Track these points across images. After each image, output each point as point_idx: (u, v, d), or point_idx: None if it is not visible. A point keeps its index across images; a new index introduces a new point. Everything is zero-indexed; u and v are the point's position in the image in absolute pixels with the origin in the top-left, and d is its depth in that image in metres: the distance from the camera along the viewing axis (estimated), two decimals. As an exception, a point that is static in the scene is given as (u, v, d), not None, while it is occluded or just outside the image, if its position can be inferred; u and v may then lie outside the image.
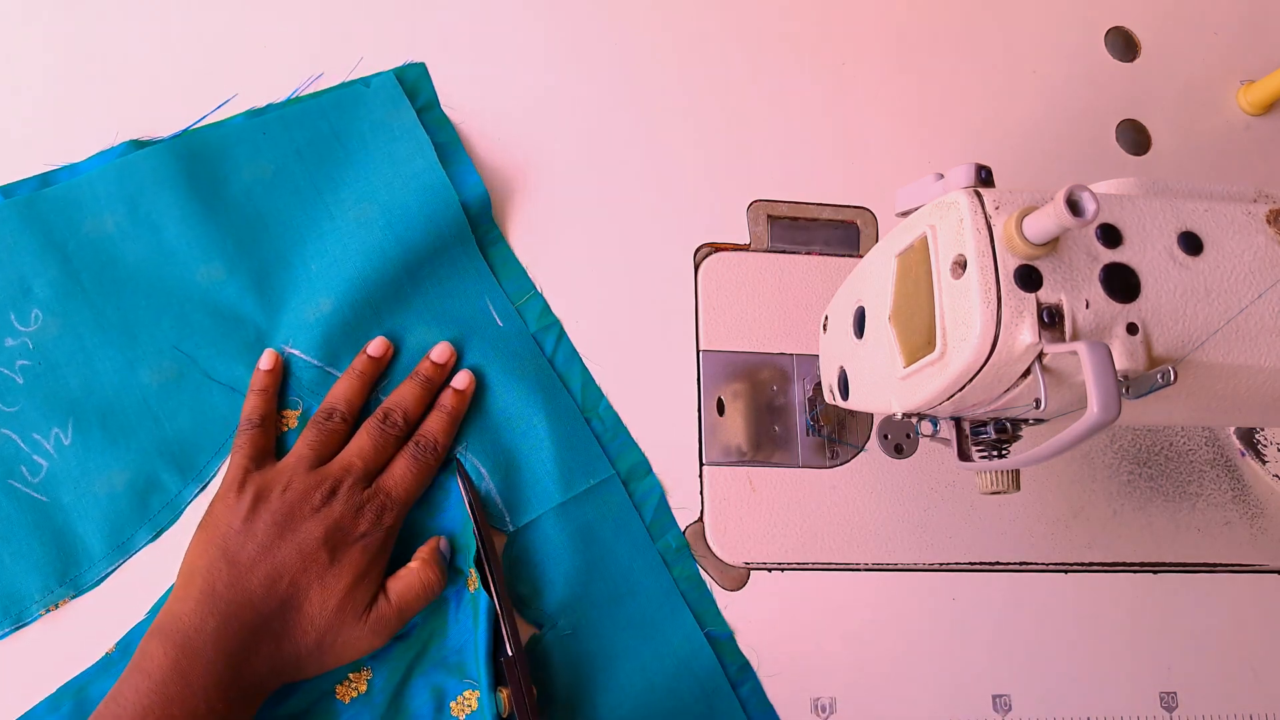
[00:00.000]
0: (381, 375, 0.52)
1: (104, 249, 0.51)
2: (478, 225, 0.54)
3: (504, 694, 0.46)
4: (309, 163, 0.54)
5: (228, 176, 0.53)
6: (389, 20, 0.58)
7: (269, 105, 0.55)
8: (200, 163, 0.53)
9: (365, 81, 0.56)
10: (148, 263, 0.52)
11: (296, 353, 0.51)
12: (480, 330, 0.53)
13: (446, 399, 0.51)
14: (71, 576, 0.48)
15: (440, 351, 0.51)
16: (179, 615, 0.42)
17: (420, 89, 0.57)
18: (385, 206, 0.53)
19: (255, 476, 0.46)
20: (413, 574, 0.47)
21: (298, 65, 0.56)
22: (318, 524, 0.45)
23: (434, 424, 0.50)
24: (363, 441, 0.48)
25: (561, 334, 0.54)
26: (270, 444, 0.49)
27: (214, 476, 0.50)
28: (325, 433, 0.48)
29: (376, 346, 0.51)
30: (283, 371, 0.51)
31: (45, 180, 0.52)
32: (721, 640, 0.51)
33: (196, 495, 0.49)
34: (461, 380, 0.51)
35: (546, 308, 0.54)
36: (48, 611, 0.47)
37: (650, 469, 0.53)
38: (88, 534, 0.48)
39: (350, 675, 0.47)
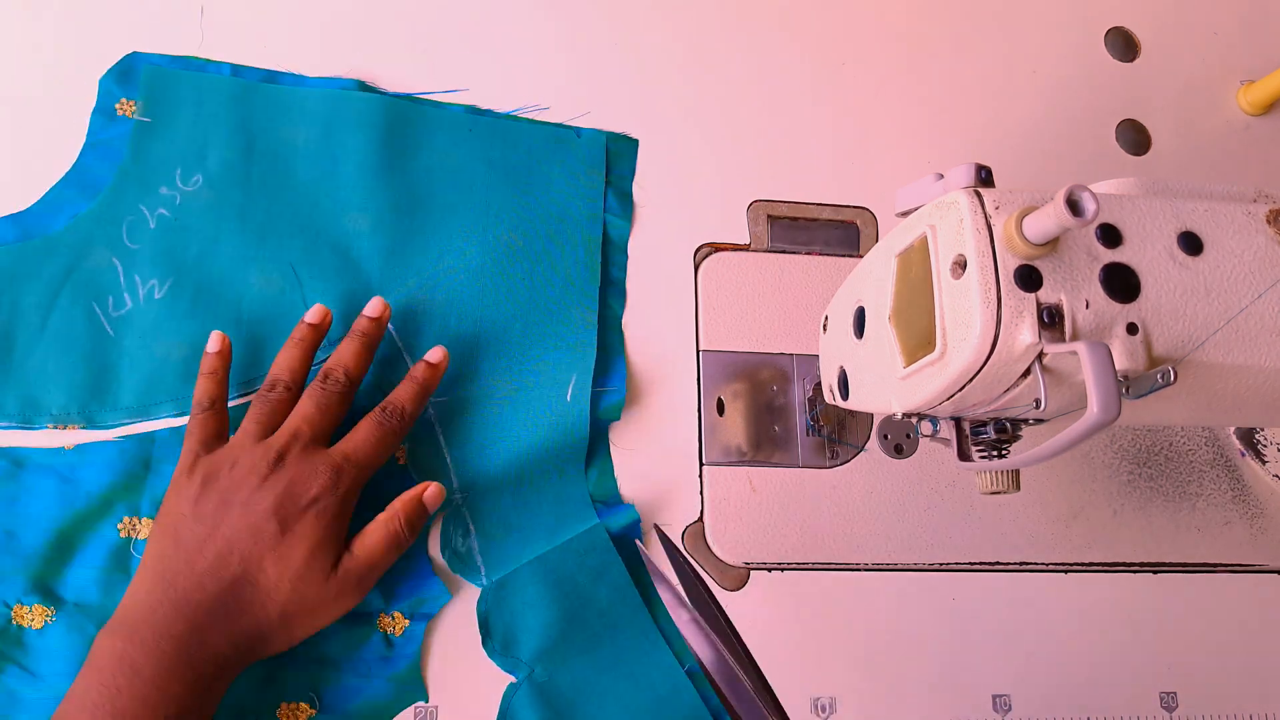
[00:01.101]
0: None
1: (284, 156, 0.54)
2: (605, 320, 0.55)
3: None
4: (494, 175, 0.56)
5: (420, 150, 0.55)
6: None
7: (489, 111, 0.57)
8: (404, 127, 0.55)
9: (578, 132, 0.58)
10: (312, 186, 0.54)
11: (390, 329, 0.52)
12: (548, 398, 0.52)
13: (419, 370, 0.50)
14: (90, 410, 0.49)
15: (373, 307, 0.50)
16: (129, 607, 0.42)
17: (622, 162, 0.58)
18: (539, 253, 0.55)
19: (205, 459, 0.46)
20: (380, 527, 0.46)
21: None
22: (265, 494, 0.44)
23: (403, 392, 0.49)
24: (305, 405, 0.47)
25: (607, 429, 0.54)
26: (223, 427, 0.48)
27: (253, 391, 0.50)
28: (269, 404, 0.47)
29: (315, 314, 0.50)
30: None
31: (271, 77, 0.56)
32: (702, 675, 0.50)
33: (235, 399, 0.50)
34: (436, 354, 0.50)
35: (621, 404, 0.54)
36: (54, 428, 0.48)
37: (640, 521, 0.52)
38: (125, 382, 0.50)
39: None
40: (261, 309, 0.52)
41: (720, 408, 0.55)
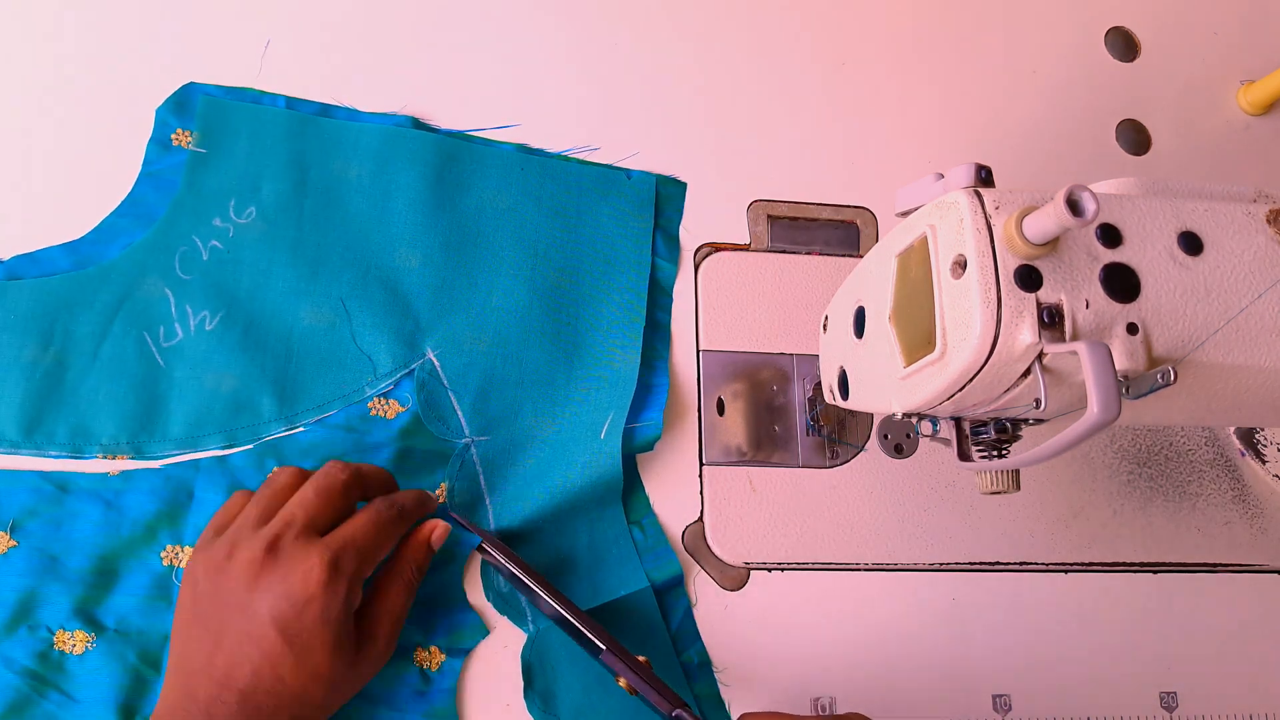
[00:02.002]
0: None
1: (336, 190, 0.55)
2: (648, 363, 0.54)
3: (624, 683, 0.44)
4: (543, 214, 0.56)
5: (470, 188, 0.56)
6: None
7: (540, 150, 0.57)
8: (455, 165, 0.56)
9: (628, 174, 0.58)
10: (364, 220, 0.54)
11: (434, 360, 0.52)
12: (582, 436, 0.52)
13: (427, 500, 0.48)
14: (140, 441, 0.49)
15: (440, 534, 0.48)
16: (162, 715, 0.40)
17: (671, 204, 0.58)
18: (585, 295, 0.55)
19: (209, 547, 0.43)
20: (392, 583, 0.45)
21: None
22: (262, 599, 0.40)
23: (407, 494, 0.48)
24: (305, 491, 0.44)
25: (635, 458, 0.53)
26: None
27: (301, 424, 0.51)
28: (273, 489, 0.45)
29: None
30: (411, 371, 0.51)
31: (326, 110, 0.56)
32: None
33: (280, 432, 0.50)
34: (439, 536, 0.47)
35: (656, 440, 0.53)
36: (104, 458, 0.49)
37: (683, 580, 0.52)
38: (175, 413, 0.50)
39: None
40: (311, 343, 0.52)
41: (720, 408, 0.55)
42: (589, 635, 0.45)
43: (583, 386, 0.53)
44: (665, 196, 0.58)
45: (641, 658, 0.45)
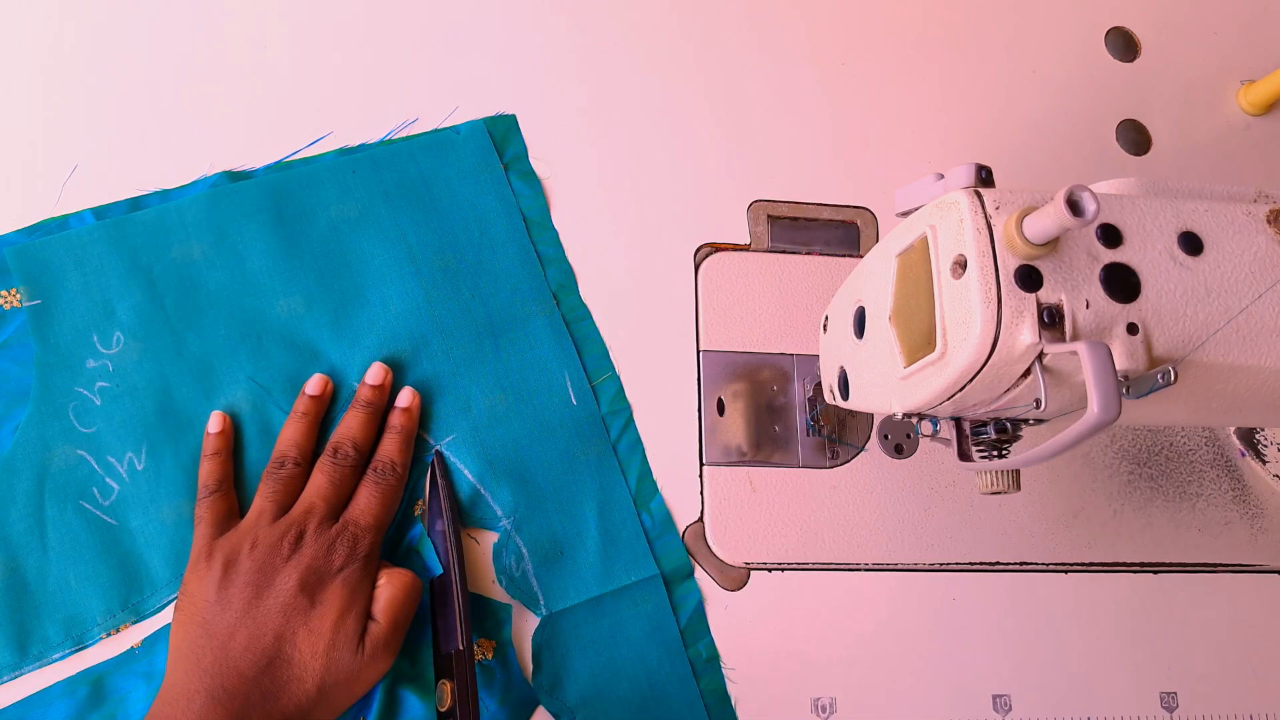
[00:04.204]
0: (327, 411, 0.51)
1: (188, 275, 0.52)
2: (561, 297, 0.54)
3: (446, 688, 0.45)
4: (396, 205, 0.54)
5: (315, 212, 0.54)
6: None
7: (361, 145, 0.56)
8: (289, 197, 0.54)
9: (456, 130, 0.57)
10: (229, 292, 0.52)
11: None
12: (552, 405, 0.52)
13: (395, 419, 0.50)
14: (134, 602, 0.48)
15: (375, 374, 0.51)
16: (167, 700, 0.42)
17: (510, 140, 0.57)
18: (473, 265, 0.54)
19: (221, 543, 0.45)
20: (390, 585, 0.46)
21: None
22: (291, 572, 0.44)
23: (388, 446, 0.49)
24: (319, 480, 0.47)
25: (629, 420, 0.53)
26: (233, 507, 0.48)
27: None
28: (280, 481, 0.47)
29: (315, 385, 0.50)
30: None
31: (136, 204, 0.53)
32: None
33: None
34: (405, 398, 0.51)
35: (621, 392, 0.54)
36: (108, 635, 0.47)
37: (692, 572, 0.52)
38: (153, 560, 0.48)
39: None
40: (244, 432, 0.50)
41: (720, 408, 0.55)
42: (459, 631, 0.46)
43: (517, 349, 0.53)
44: (501, 135, 0.57)
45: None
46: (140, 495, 0.49)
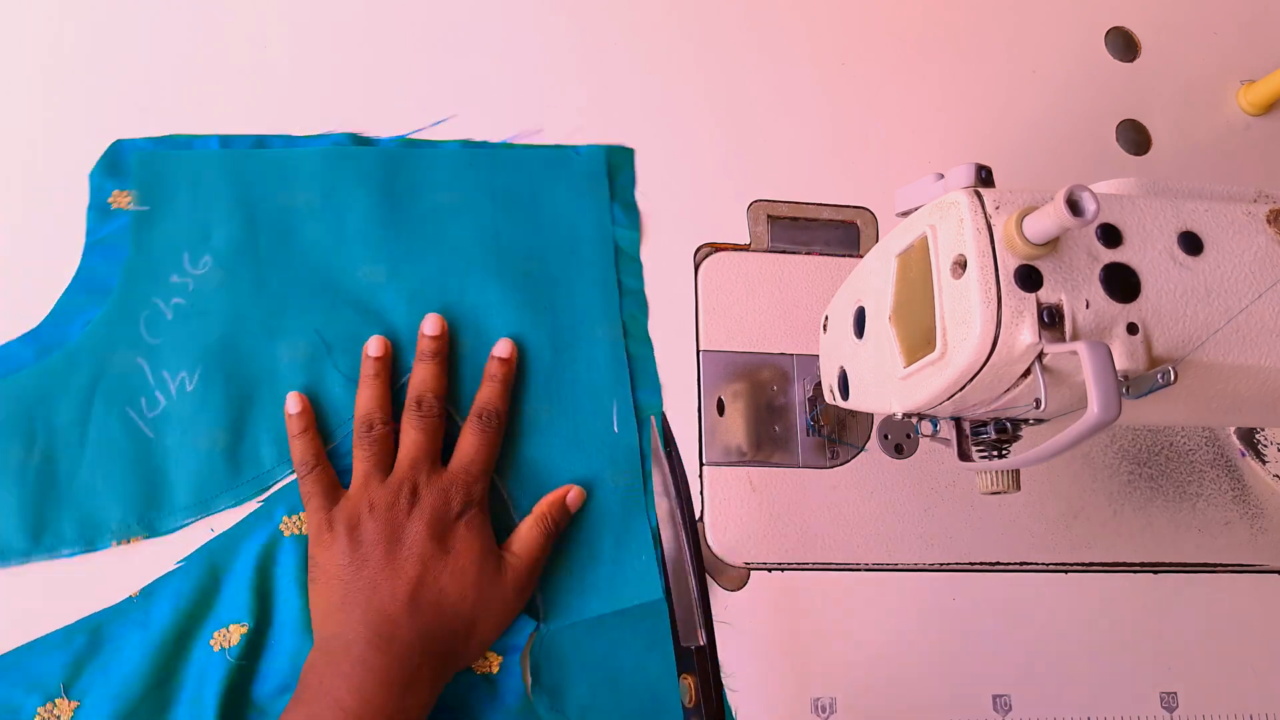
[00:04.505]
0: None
1: (288, 221, 0.53)
2: (630, 328, 0.55)
3: (689, 682, 0.45)
4: (499, 205, 0.55)
5: (422, 192, 0.55)
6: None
7: (484, 142, 0.57)
8: (403, 172, 0.55)
9: (576, 150, 0.57)
10: (320, 246, 0.53)
11: None
12: (594, 428, 0.53)
13: (494, 368, 0.51)
14: (150, 518, 0.48)
15: (432, 325, 0.51)
16: (324, 651, 0.44)
17: (622, 170, 0.58)
18: (554, 278, 0.55)
19: (337, 512, 0.47)
20: (530, 528, 0.48)
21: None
22: (416, 524, 0.46)
23: (488, 393, 0.51)
24: (413, 435, 0.49)
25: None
26: (333, 477, 0.48)
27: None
28: (375, 442, 0.48)
29: (377, 346, 0.51)
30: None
31: (260, 142, 0.55)
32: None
33: (286, 477, 0.50)
34: (504, 349, 0.52)
35: (662, 432, 0.53)
36: (119, 544, 0.48)
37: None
38: (178, 482, 0.49)
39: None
40: (294, 380, 0.51)
41: (720, 408, 0.55)
42: (698, 624, 0.47)
43: (573, 368, 0.53)
44: (616, 165, 0.58)
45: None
46: (182, 415, 0.50)
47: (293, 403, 0.50)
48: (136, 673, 0.46)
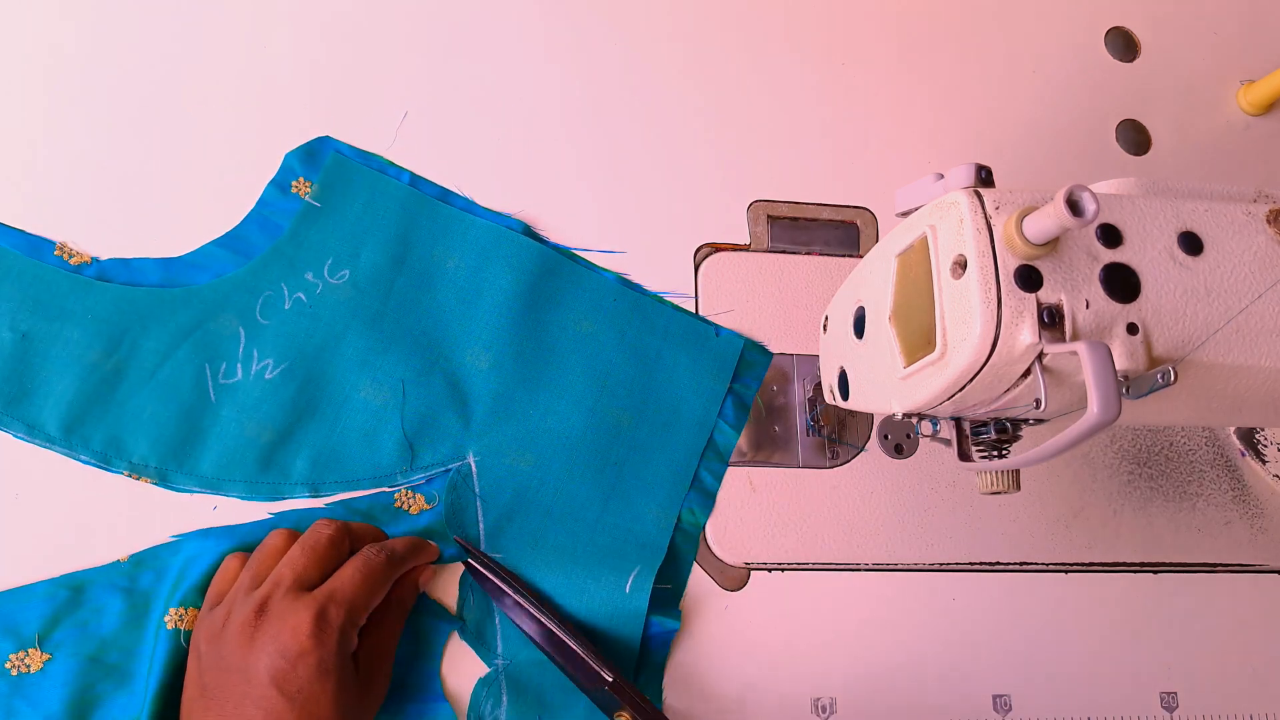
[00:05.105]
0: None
1: (431, 274, 0.54)
2: (684, 520, 0.53)
3: (625, 717, 0.45)
4: (622, 350, 0.55)
5: (560, 305, 0.55)
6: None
7: (638, 285, 0.56)
8: (552, 279, 0.55)
9: (717, 330, 0.57)
10: (447, 311, 0.54)
11: (473, 465, 0.52)
12: (607, 581, 0.50)
13: (422, 539, 0.49)
14: (167, 469, 0.49)
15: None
16: None
17: (752, 368, 0.56)
18: (639, 441, 0.54)
19: (207, 618, 0.44)
20: (373, 637, 0.45)
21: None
22: (257, 658, 0.41)
23: (399, 540, 0.48)
24: (294, 552, 0.45)
25: (670, 636, 0.51)
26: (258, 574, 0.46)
27: (324, 498, 0.50)
28: (264, 553, 0.46)
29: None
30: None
31: (445, 195, 0.56)
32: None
33: (302, 498, 0.50)
34: (431, 552, 0.49)
35: (676, 609, 0.51)
36: (126, 475, 0.48)
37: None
38: (209, 450, 0.50)
39: None
40: (360, 417, 0.51)
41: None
42: (594, 665, 0.45)
43: (610, 535, 0.52)
44: (747, 362, 0.56)
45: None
46: (248, 398, 0.50)
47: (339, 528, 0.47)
48: (112, 637, 0.46)
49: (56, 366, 0.49)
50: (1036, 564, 0.55)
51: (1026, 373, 0.36)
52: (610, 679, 0.45)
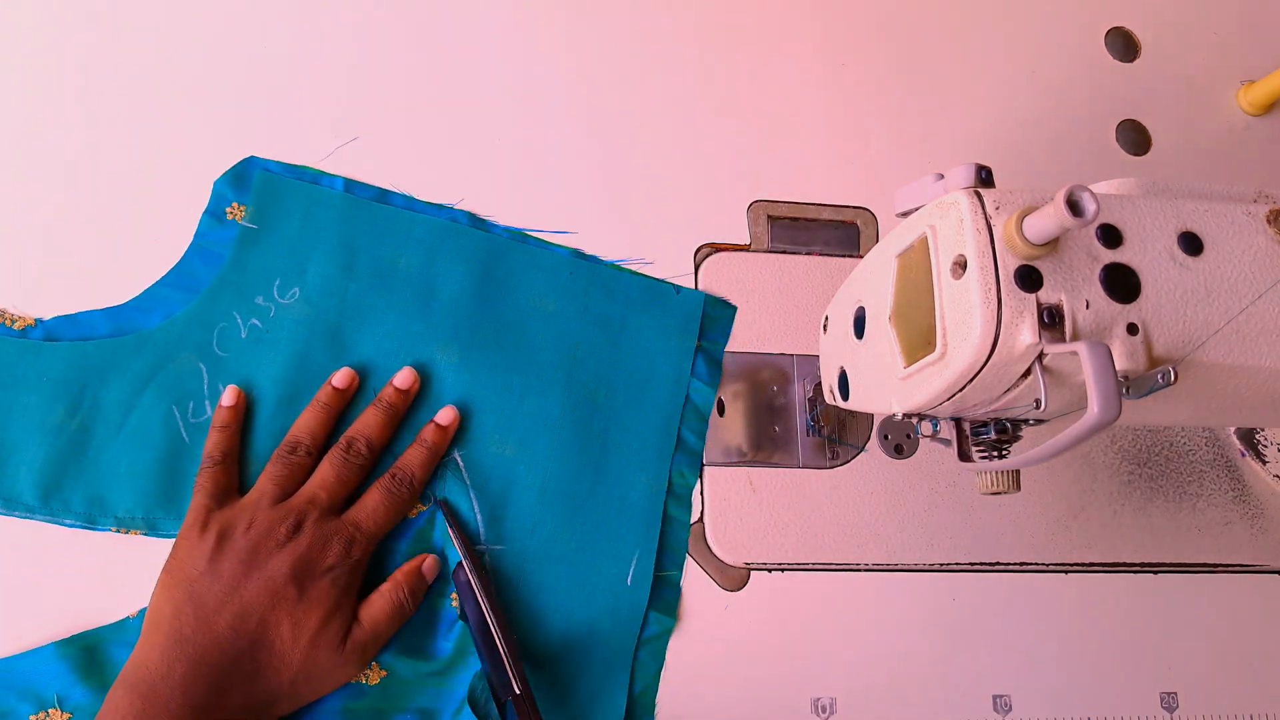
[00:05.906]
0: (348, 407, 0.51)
1: (382, 278, 0.54)
2: (675, 483, 0.53)
3: None
4: (586, 323, 0.55)
5: (517, 289, 0.55)
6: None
7: (592, 257, 0.56)
8: (504, 264, 0.55)
9: (676, 289, 0.56)
10: (404, 312, 0.53)
11: (459, 460, 0.51)
12: (606, 572, 0.51)
13: (428, 433, 0.50)
14: (155, 517, 0.48)
15: (404, 378, 0.51)
16: (145, 663, 0.42)
17: (717, 325, 0.57)
18: (618, 411, 0.54)
19: (218, 515, 0.46)
20: (384, 597, 0.46)
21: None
22: (284, 559, 0.44)
23: (412, 457, 0.49)
24: (326, 472, 0.47)
25: (667, 634, 0.51)
26: (233, 481, 0.48)
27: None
28: (289, 466, 0.47)
29: (342, 379, 0.50)
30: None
31: (383, 195, 0.55)
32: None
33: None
34: (445, 416, 0.51)
35: (677, 601, 0.52)
36: (116, 531, 0.48)
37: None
38: (191, 493, 0.49)
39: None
40: (337, 433, 0.50)
41: (720, 408, 0.55)
42: (511, 676, 0.45)
43: (605, 509, 0.52)
44: (712, 318, 0.56)
45: None
46: None
47: (228, 395, 0.49)
48: None
49: (20, 435, 0.48)
50: (1036, 564, 0.55)
51: (1026, 373, 0.36)
52: (518, 690, 0.45)
